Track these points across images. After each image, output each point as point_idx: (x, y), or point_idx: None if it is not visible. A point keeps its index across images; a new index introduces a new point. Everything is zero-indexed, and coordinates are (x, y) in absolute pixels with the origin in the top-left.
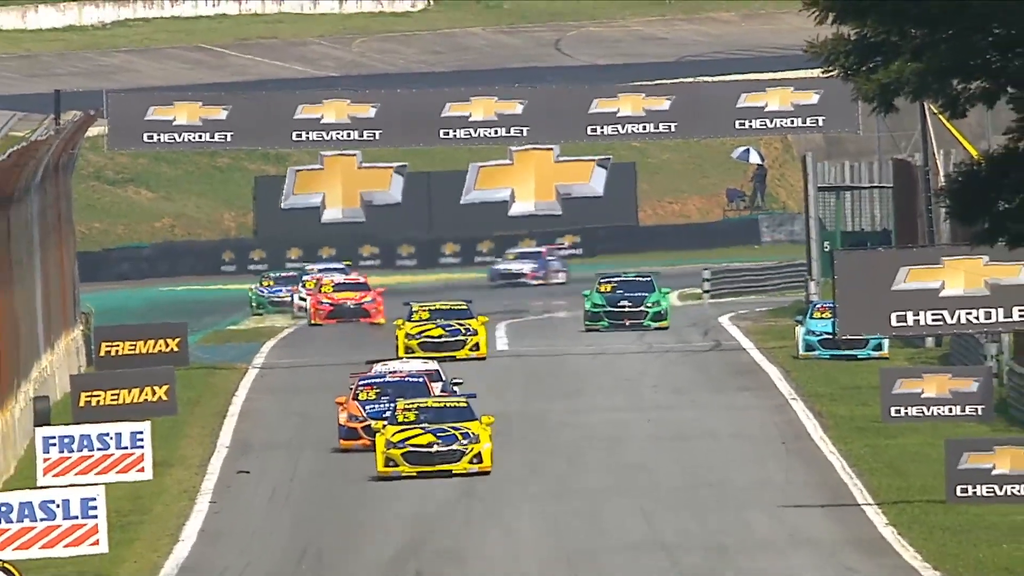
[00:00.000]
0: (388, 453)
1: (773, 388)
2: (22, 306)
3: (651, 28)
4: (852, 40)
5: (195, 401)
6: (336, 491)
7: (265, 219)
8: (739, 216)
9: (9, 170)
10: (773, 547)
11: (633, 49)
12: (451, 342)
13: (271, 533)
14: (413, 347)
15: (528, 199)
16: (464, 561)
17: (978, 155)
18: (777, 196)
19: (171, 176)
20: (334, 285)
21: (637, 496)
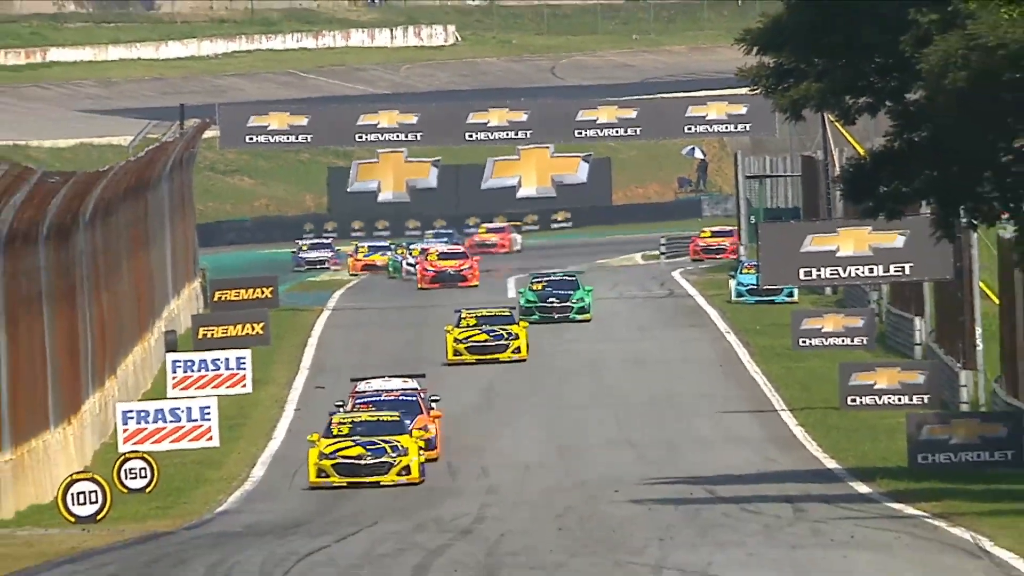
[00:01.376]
0: (320, 464)
1: (713, 325)
2: (156, 264)
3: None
4: (771, 67)
5: (283, 334)
6: None
7: (335, 199)
8: (687, 197)
9: (146, 164)
10: (713, 444)
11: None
12: (495, 346)
13: None
14: (461, 350)
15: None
16: (482, 453)
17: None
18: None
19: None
20: (439, 254)
21: (611, 406)
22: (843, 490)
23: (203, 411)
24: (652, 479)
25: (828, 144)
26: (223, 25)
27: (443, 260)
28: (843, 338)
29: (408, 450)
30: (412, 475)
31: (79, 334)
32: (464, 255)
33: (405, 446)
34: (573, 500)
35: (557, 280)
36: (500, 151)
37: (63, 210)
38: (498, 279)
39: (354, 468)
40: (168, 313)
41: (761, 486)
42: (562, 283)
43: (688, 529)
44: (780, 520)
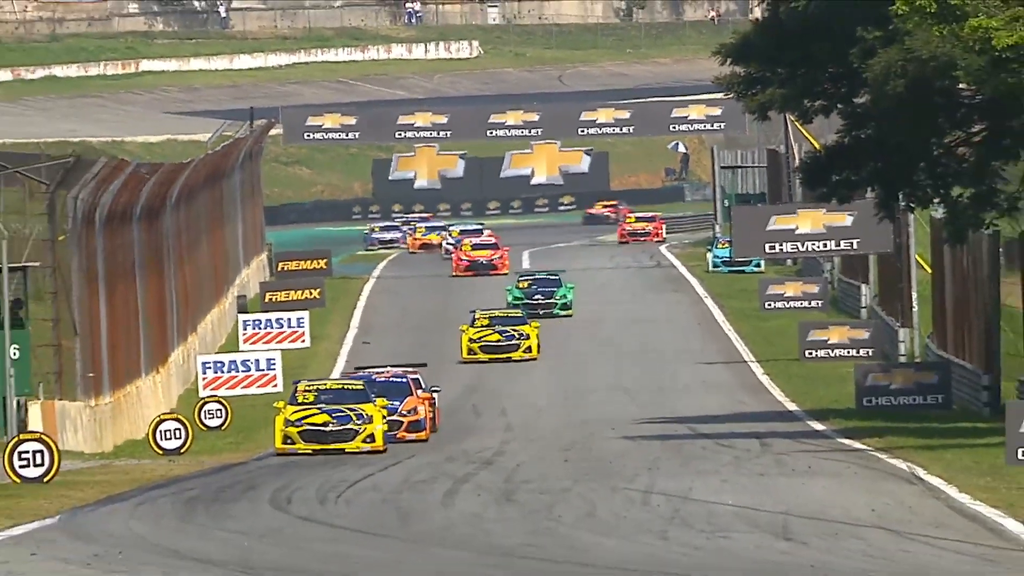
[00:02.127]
0: (286, 431)
1: (693, 291)
2: (230, 240)
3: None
4: (742, 76)
5: (336, 298)
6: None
7: (379, 186)
8: (672, 184)
9: (222, 156)
10: (693, 390)
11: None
12: (507, 345)
13: None
14: (475, 349)
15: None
16: (502, 396)
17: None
18: (696, 172)
19: (321, 160)
20: (472, 245)
21: (609, 357)
22: (802, 428)
23: (269, 362)
24: (642, 419)
25: (789, 140)
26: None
27: (476, 251)
28: (802, 302)
29: (372, 418)
30: (376, 443)
31: (166, 298)
32: (496, 246)
33: (369, 414)
34: (577, 436)
35: (541, 279)
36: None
37: (153, 195)
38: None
39: (319, 435)
40: (240, 280)
41: (733, 424)
42: (546, 282)
43: (672, 461)
44: (749, 453)
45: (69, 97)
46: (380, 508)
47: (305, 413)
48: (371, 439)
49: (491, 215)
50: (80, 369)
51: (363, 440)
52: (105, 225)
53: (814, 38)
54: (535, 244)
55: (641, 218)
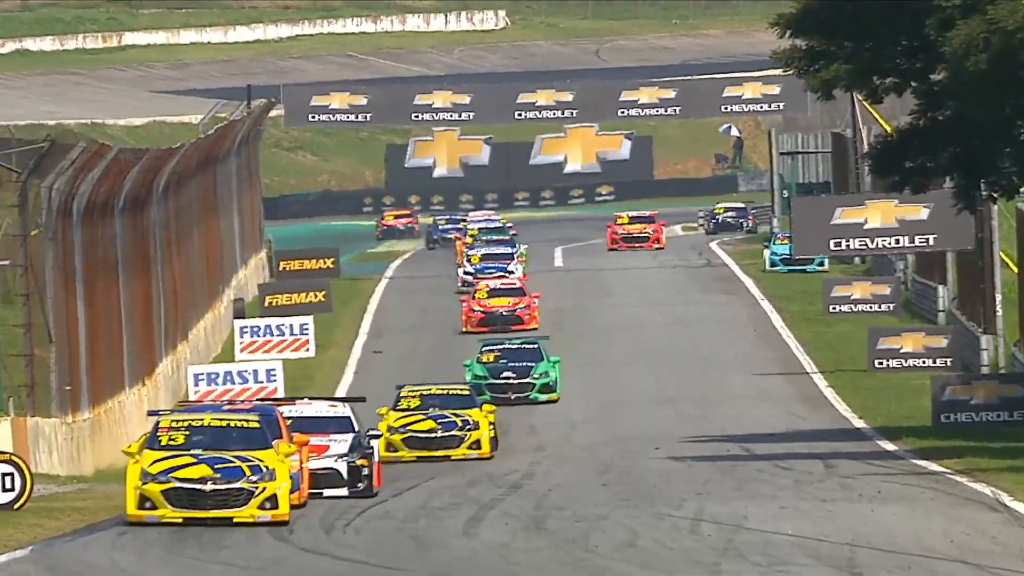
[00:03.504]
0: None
1: (747, 292)
2: (225, 235)
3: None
4: (803, 49)
5: (344, 301)
6: (447, 360)
7: (393, 174)
8: (724, 173)
9: (216, 140)
10: (747, 404)
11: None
12: (443, 439)
13: None
14: (396, 443)
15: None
16: (530, 411)
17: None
18: (750, 159)
19: (328, 144)
20: (488, 290)
21: (650, 365)
22: (870, 447)
23: (269, 374)
24: (690, 437)
25: (857, 122)
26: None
27: (494, 298)
28: (871, 304)
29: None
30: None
31: (153, 301)
32: (521, 291)
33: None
34: (616, 456)
35: (514, 349)
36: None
37: (138, 184)
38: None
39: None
40: (236, 282)
41: (793, 444)
42: (520, 353)
43: (724, 484)
44: (811, 476)
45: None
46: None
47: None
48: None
49: (519, 207)
50: (55, 381)
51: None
52: (84, 218)
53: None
54: (568, 240)
55: (637, 218)
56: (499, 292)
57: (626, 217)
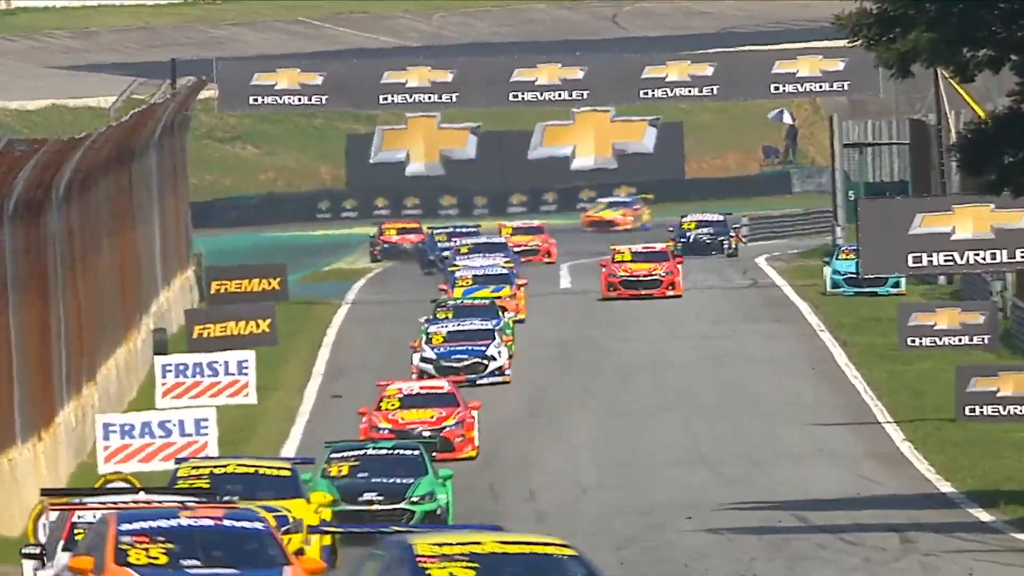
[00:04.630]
0: None
1: (803, 320)
2: (143, 248)
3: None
4: (874, 14)
5: (294, 332)
6: None
7: (356, 172)
8: (773, 169)
9: (131, 129)
10: (802, 459)
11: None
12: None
13: None
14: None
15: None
16: (529, 471)
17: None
18: (807, 152)
19: (273, 134)
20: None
21: (682, 414)
22: (959, 517)
23: (199, 424)
24: (731, 503)
25: (942, 105)
26: None
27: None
28: (960, 336)
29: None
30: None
31: (51, 331)
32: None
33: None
34: (637, 529)
35: (381, 456)
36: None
37: (32, 184)
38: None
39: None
40: (157, 308)
41: (861, 512)
42: (388, 465)
43: (774, 564)
44: (885, 553)
45: None
46: None
47: None
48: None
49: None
50: None
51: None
52: None
53: None
54: (577, 255)
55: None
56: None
57: (627, 252)
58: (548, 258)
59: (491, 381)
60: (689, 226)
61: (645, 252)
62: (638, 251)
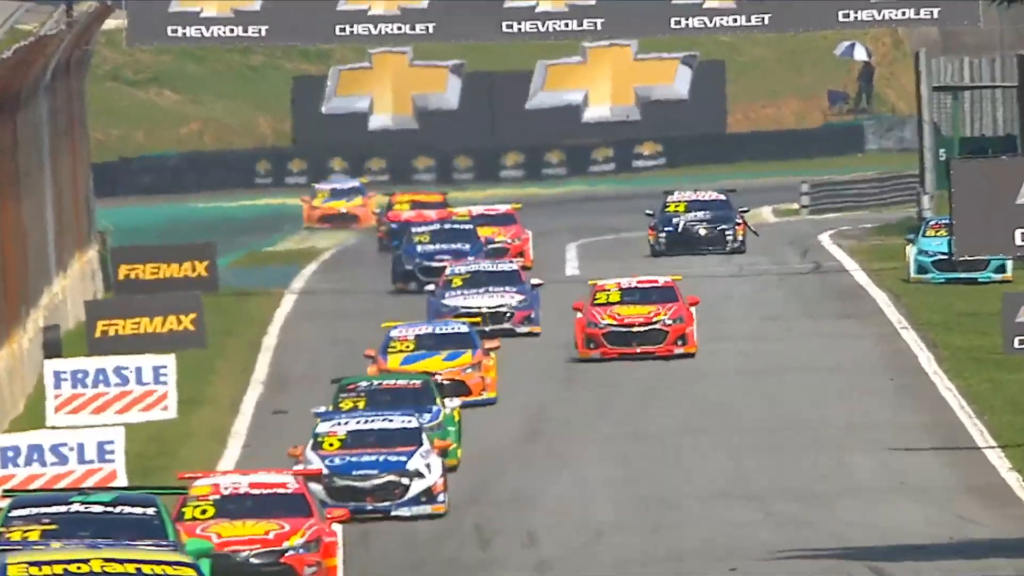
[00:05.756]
0: None
1: (880, 315)
2: (31, 223)
3: None
4: None
5: (226, 331)
6: None
7: (305, 125)
8: (842, 121)
9: (15, 68)
10: (878, 495)
11: None
12: None
13: None
14: None
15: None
16: (528, 509)
17: None
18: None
19: (199, 76)
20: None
21: (721, 438)
22: None
23: (102, 449)
24: (785, 551)
25: None
26: None
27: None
28: None
29: None
30: None
31: None
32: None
33: None
34: None
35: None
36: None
37: None
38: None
39: None
40: (49, 299)
41: (954, 562)
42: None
43: None
44: None
45: None
46: None
47: None
48: None
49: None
50: None
51: None
52: None
53: None
54: (587, 232)
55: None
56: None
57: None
58: (521, 260)
59: (414, 513)
60: (677, 208)
61: (642, 288)
62: (630, 287)
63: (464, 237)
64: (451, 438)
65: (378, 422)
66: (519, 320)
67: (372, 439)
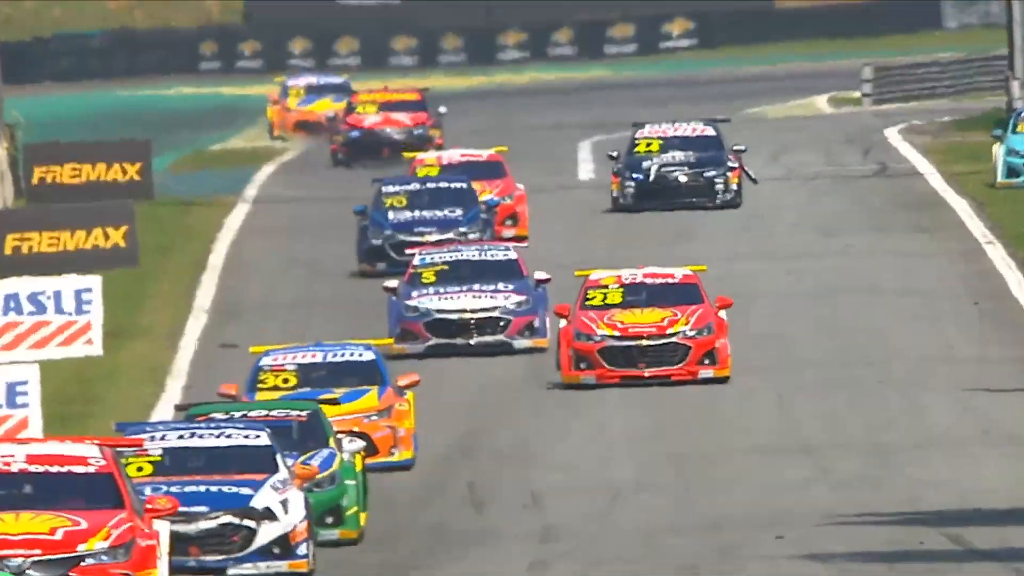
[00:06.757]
0: None
1: (961, 228)
2: None
3: None
4: None
5: (164, 248)
6: None
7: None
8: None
9: None
10: (958, 446)
11: None
12: None
13: None
14: None
15: None
16: (531, 465)
17: None
18: None
19: None
20: None
21: (768, 378)
22: None
23: (12, 391)
24: (845, 515)
25: None
26: None
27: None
28: None
29: None
30: None
31: None
32: None
33: None
34: (700, 552)
35: None
36: None
37: None
38: None
39: None
40: None
41: None
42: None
43: None
44: None
45: None
46: None
47: None
48: None
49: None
50: None
51: None
52: None
53: None
54: (603, 127)
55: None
56: None
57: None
58: (512, 226)
59: (261, 572)
60: (649, 148)
61: (652, 285)
62: (635, 282)
63: (455, 199)
64: (349, 497)
65: (210, 438)
66: (517, 330)
67: (200, 461)
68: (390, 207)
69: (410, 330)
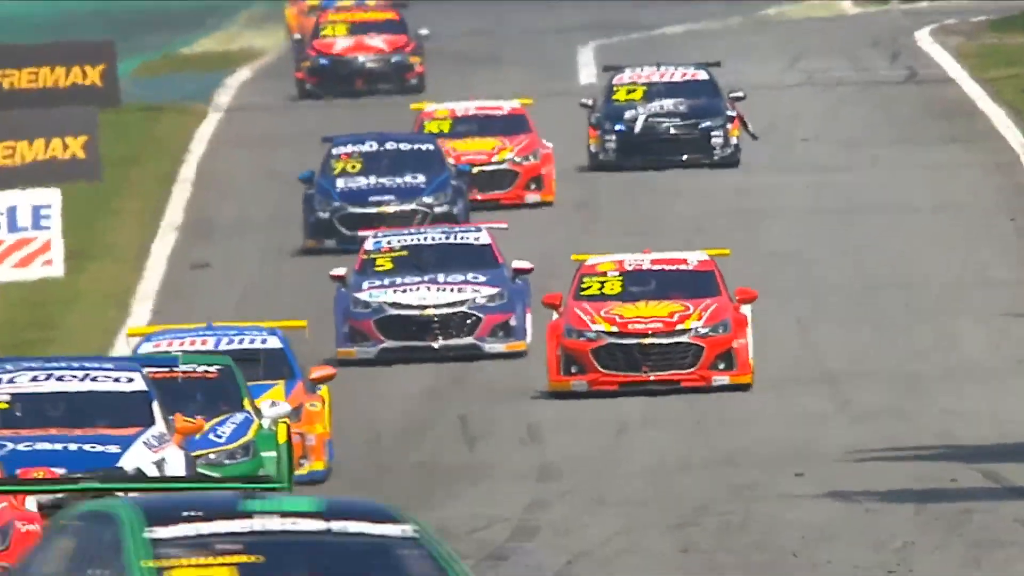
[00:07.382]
0: None
1: (997, 138)
2: None
3: None
4: None
5: (129, 160)
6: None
7: None
8: None
9: None
10: (993, 376)
11: None
12: None
13: None
14: None
15: None
16: (527, 397)
17: None
18: None
19: None
20: None
21: (786, 301)
22: None
23: None
24: (869, 450)
25: None
26: None
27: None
28: None
29: None
30: None
31: None
32: None
33: None
34: (712, 492)
35: None
36: None
37: None
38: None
39: None
40: None
41: None
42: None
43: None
44: None
45: None
46: None
47: None
48: None
49: None
50: None
51: None
52: None
53: None
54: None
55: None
56: None
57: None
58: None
59: None
60: (631, 96)
61: (659, 272)
62: (638, 268)
63: (419, 163)
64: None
65: (72, 380)
66: (489, 330)
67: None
68: (341, 172)
69: (359, 329)
